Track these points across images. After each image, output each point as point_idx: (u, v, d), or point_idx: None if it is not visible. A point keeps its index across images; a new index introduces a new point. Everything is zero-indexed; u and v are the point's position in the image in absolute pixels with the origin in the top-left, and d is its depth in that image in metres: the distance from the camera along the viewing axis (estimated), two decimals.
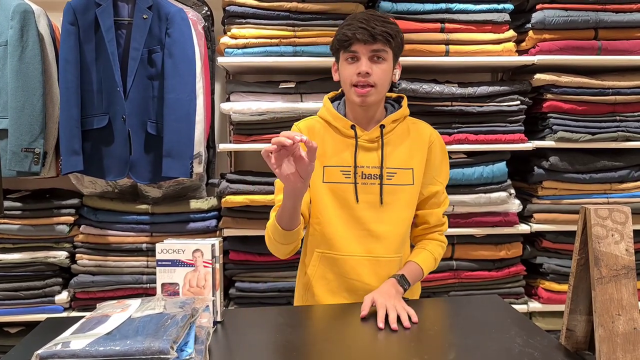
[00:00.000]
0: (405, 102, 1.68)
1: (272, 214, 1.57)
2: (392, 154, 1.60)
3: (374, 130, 1.60)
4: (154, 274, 1.36)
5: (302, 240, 1.69)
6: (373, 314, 1.40)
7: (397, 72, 1.63)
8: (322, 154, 1.60)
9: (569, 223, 2.50)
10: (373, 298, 1.44)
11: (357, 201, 1.58)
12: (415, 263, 1.63)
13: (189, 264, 1.35)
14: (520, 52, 2.52)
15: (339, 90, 1.69)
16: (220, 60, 2.40)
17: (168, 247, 1.35)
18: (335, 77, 1.63)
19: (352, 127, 1.60)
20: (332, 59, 1.65)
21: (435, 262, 1.70)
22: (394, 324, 1.34)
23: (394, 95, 1.73)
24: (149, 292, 2.43)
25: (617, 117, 2.50)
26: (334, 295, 1.62)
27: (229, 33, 2.40)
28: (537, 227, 2.52)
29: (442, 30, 2.41)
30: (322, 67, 2.42)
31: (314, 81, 2.50)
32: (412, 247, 1.74)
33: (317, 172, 1.59)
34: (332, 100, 1.69)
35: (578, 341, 1.23)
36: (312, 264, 1.64)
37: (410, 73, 2.54)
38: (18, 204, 2.39)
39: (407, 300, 1.49)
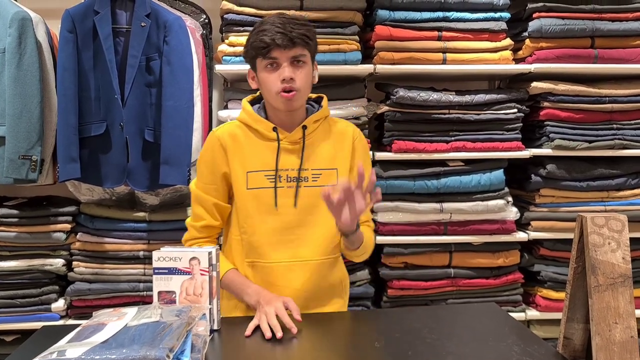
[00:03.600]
0: (325, 102, 1.66)
1: (191, 233, 1.64)
2: (314, 155, 1.58)
3: (296, 131, 1.57)
4: (151, 281, 1.36)
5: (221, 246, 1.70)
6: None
7: (316, 73, 1.62)
8: (245, 160, 1.57)
9: (567, 231, 2.49)
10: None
11: (276, 205, 1.55)
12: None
13: (185, 272, 1.35)
14: (517, 60, 2.53)
15: (257, 93, 1.65)
16: (218, 67, 2.40)
17: (165, 255, 1.35)
18: (253, 85, 1.59)
19: (274, 129, 1.56)
20: (329, 67, 1.64)
21: (370, 240, 1.65)
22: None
23: (314, 95, 1.71)
24: (146, 300, 2.42)
25: (614, 125, 2.50)
26: None
27: (226, 41, 2.40)
28: (534, 234, 2.52)
29: (439, 39, 2.42)
30: (319, 75, 2.42)
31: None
32: None
33: (241, 179, 1.57)
34: (252, 103, 1.66)
35: (575, 349, 1.23)
36: (244, 274, 1.60)
37: (408, 81, 2.55)
38: (15, 212, 2.38)
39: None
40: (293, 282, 1.56)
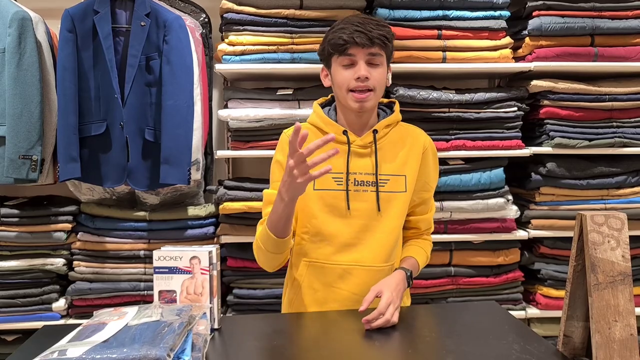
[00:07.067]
0: (397, 107, 1.64)
1: (260, 227, 1.52)
2: (385, 160, 1.57)
3: (367, 135, 1.56)
4: (152, 281, 1.36)
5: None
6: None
7: (389, 76, 1.60)
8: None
9: (567, 229, 2.50)
10: (381, 291, 1.42)
11: (348, 208, 1.54)
12: (414, 258, 1.63)
13: (186, 271, 1.35)
14: (517, 59, 2.53)
15: (329, 96, 1.66)
16: (218, 67, 2.41)
17: (165, 254, 1.35)
18: (326, 83, 1.59)
19: (344, 132, 1.55)
20: None
21: (427, 258, 1.71)
22: (374, 324, 1.35)
23: (385, 100, 1.70)
24: (147, 300, 2.43)
25: (614, 123, 2.51)
26: (320, 306, 1.58)
27: (226, 40, 2.41)
28: (534, 233, 2.53)
29: (439, 37, 2.42)
30: (319, 73, 2.41)
31: (312, 88, 2.51)
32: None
33: None
34: (322, 106, 1.66)
35: (575, 347, 1.23)
36: (300, 273, 1.60)
37: (408, 79, 2.55)
38: (15, 211, 2.38)
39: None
40: (351, 286, 1.55)
